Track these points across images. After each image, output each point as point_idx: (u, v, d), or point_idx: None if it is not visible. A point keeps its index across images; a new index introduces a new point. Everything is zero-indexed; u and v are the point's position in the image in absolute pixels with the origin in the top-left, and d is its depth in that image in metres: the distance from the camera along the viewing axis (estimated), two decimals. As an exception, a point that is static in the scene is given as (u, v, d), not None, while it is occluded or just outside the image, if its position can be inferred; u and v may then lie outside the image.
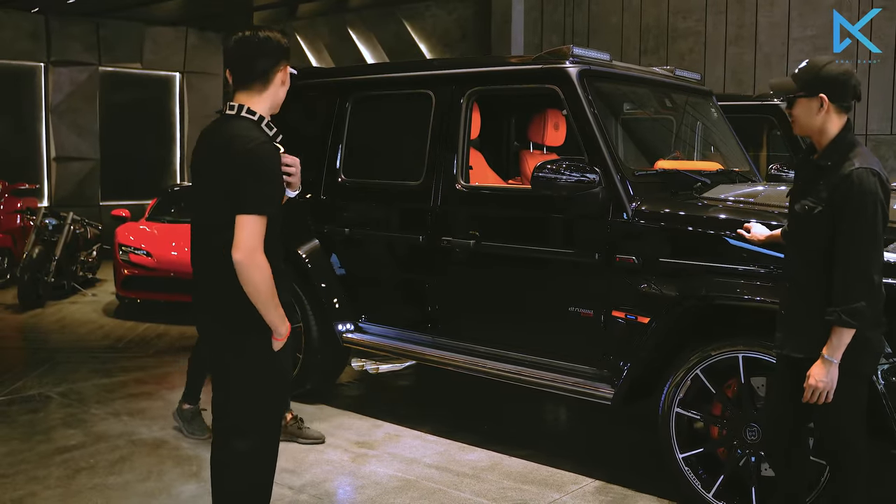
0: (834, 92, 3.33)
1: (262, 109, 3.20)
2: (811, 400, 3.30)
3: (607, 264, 4.62)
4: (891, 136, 10.08)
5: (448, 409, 6.29)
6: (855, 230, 3.19)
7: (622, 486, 4.69)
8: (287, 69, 3.25)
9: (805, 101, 3.38)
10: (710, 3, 11.27)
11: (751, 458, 4.11)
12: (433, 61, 8.52)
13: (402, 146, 5.79)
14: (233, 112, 3.17)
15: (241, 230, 3.02)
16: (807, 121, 3.40)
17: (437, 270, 5.45)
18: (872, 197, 3.18)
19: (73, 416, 5.80)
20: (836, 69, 3.35)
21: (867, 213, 3.18)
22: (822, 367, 3.25)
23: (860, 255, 3.19)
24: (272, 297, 3.11)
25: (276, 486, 4.57)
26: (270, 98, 3.23)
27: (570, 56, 4.93)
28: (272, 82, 3.21)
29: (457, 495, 4.56)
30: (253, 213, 3.02)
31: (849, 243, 3.20)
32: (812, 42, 10.47)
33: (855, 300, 3.17)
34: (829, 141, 3.36)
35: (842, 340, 3.21)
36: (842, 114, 3.38)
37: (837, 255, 3.22)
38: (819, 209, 3.28)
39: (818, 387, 3.25)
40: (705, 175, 5.11)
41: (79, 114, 15.41)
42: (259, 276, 3.04)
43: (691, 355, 4.25)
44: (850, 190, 3.19)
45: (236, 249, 3.01)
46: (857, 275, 3.19)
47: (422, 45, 14.17)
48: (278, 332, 3.18)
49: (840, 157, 3.29)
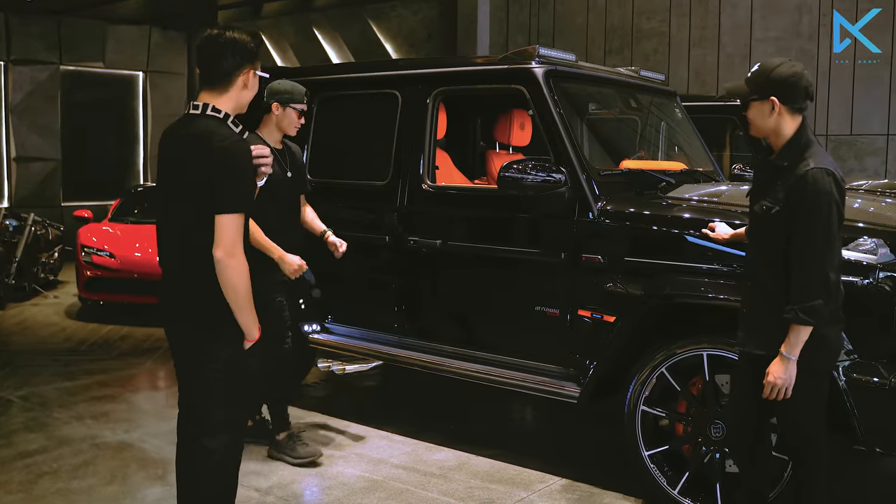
0: (785, 94, 3.37)
1: (227, 108, 3.17)
2: (770, 396, 3.34)
3: (573, 264, 4.64)
4: (850, 137, 10.23)
5: (415, 409, 6.29)
6: (810, 229, 3.23)
7: (589, 483, 4.72)
8: (251, 73, 3.20)
9: (758, 104, 3.42)
10: (674, 4, 11.37)
11: (715, 455, 4.15)
12: (399, 61, 8.53)
13: (369, 146, 5.78)
14: (197, 111, 3.15)
15: (221, 229, 3.02)
16: (761, 123, 3.45)
17: (403, 270, 5.44)
18: (827, 197, 3.23)
19: (35, 420, 5.73)
20: (787, 71, 3.38)
21: (822, 213, 3.22)
22: (781, 363, 3.30)
23: (815, 254, 3.23)
24: (248, 297, 3.11)
25: (243, 489, 4.55)
26: (234, 99, 3.20)
27: (536, 56, 4.95)
28: (234, 84, 3.18)
29: (424, 495, 4.56)
30: (232, 212, 3.03)
31: (804, 242, 3.24)
32: (775, 43, 10.60)
33: (811, 298, 3.22)
34: (785, 142, 3.40)
35: (799, 338, 3.26)
36: (795, 115, 3.42)
37: (794, 255, 3.27)
38: (776, 209, 3.33)
39: (776, 383, 3.30)
40: (670, 175, 5.16)
41: (39, 113, 15.20)
42: (238, 274, 3.05)
43: (656, 353, 4.28)
44: (804, 190, 3.24)
45: (217, 248, 3.01)
46: (812, 273, 3.23)
47: (387, 45, 14.16)
48: (250, 334, 3.18)
49: (796, 158, 3.33)
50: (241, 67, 3.18)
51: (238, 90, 3.19)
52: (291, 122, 5.00)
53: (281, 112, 4.96)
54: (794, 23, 10.50)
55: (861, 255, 3.85)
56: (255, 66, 3.23)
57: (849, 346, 3.82)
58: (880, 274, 3.79)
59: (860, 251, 3.86)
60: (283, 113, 4.96)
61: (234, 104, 3.21)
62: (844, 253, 3.82)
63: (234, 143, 3.06)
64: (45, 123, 15.25)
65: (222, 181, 3.02)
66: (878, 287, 3.79)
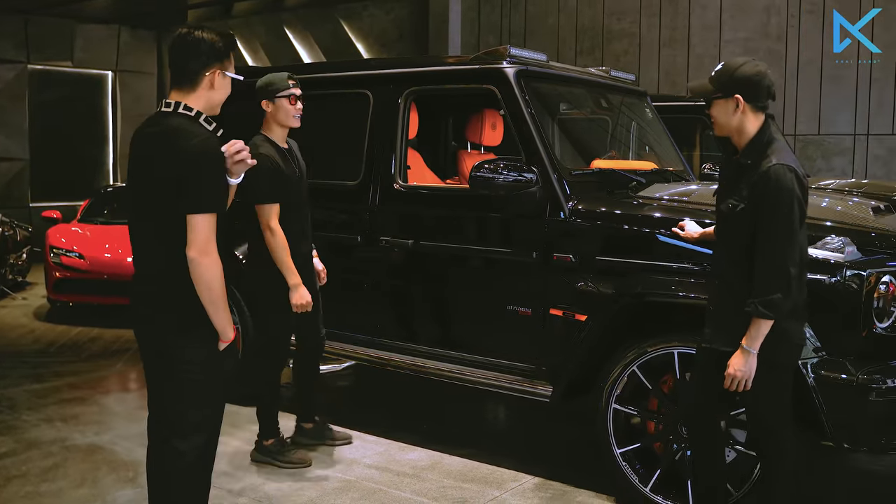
0: (748, 92, 3.44)
1: (198, 107, 3.14)
2: (731, 388, 3.42)
3: (545, 263, 4.66)
4: (817, 137, 10.34)
5: (388, 409, 6.29)
6: (772, 225, 3.29)
7: (561, 482, 4.74)
8: (218, 72, 3.15)
9: (722, 102, 3.48)
10: (644, 5, 11.43)
11: (687, 452, 4.18)
12: (371, 61, 8.51)
13: (340, 146, 5.77)
14: (169, 109, 3.12)
15: (193, 229, 3.00)
16: (724, 121, 3.50)
17: (375, 270, 5.44)
18: (788, 193, 3.29)
19: (3, 423, 5.66)
20: (750, 70, 3.45)
21: (783, 209, 3.29)
22: (741, 356, 3.37)
23: (776, 249, 3.29)
24: (223, 296, 3.09)
25: (215, 490, 4.52)
26: (203, 99, 3.15)
27: (507, 56, 4.96)
28: (200, 84, 3.14)
29: (397, 495, 4.56)
30: (205, 212, 3.00)
31: (766, 238, 3.30)
32: (744, 44, 10.69)
33: (771, 292, 3.28)
34: (749, 140, 3.46)
35: (759, 331, 3.33)
36: (758, 113, 3.48)
37: (756, 250, 3.33)
38: (741, 206, 3.38)
39: (737, 375, 3.38)
40: (640, 174, 5.19)
41: (7, 113, 15.01)
42: (212, 273, 3.03)
43: (628, 352, 4.31)
44: (767, 186, 3.30)
45: (191, 248, 2.99)
46: (773, 268, 3.30)
47: (359, 45, 14.13)
48: (225, 334, 3.16)
49: (759, 156, 3.39)
50: (207, 67, 3.13)
51: (205, 90, 3.15)
52: (288, 113, 4.88)
53: (273, 107, 4.87)
54: (763, 24, 10.60)
55: (828, 253, 3.90)
56: (224, 65, 3.18)
57: (817, 344, 3.88)
58: (847, 272, 3.84)
59: (827, 249, 3.91)
60: (276, 106, 4.87)
61: (205, 104, 3.16)
62: (812, 251, 3.88)
63: (205, 141, 3.03)
64: (13, 123, 15.06)
65: (193, 180, 2.99)
66: (846, 285, 3.84)
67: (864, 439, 3.85)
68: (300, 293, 4.78)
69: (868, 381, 3.76)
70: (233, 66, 3.24)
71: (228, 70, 3.20)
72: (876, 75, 9.95)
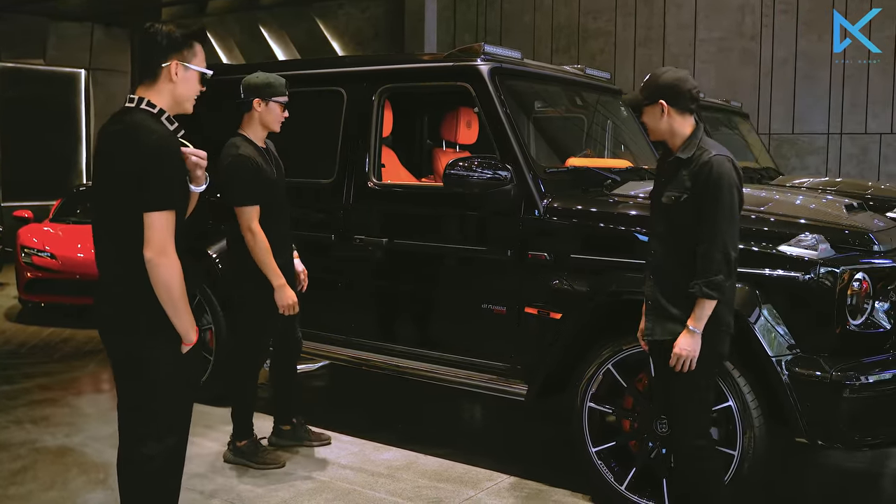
0: (671, 97, 3.58)
1: (162, 104, 3.08)
2: (677, 368, 3.49)
3: (519, 261, 4.65)
4: (791, 136, 10.40)
5: (363, 408, 6.25)
6: (715, 210, 3.42)
7: (537, 481, 4.72)
8: (176, 63, 3.08)
9: (650, 109, 3.65)
10: (619, 4, 11.47)
11: (662, 451, 4.18)
12: (345, 58, 8.48)
13: (314, 144, 5.73)
14: (132, 105, 3.07)
15: (150, 228, 2.94)
16: (655, 126, 3.66)
17: (350, 269, 5.41)
18: (728, 180, 3.44)
19: (-27, 425, 5.59)
20: (672, 76, 3.61)
21: (724, 195, 3.43)
22: (687, 336, 3.47)
23: (718, 232, 3.41)
24: (183, 297, 3.03)
25: (186, 491, 4.47)
26: (167, 93, 3.10)
27: (482, 54, 4.94)
28: (159, 77, 3.08)
29: (372, 495, 4.53)
30: (161, 210, 2.95)
31: (709, 223, 3.42)
32: (718, 43, 10.75)
33: (714, 273, 3.40)
34: (684, 140, 3.60)
35: (704, 311, 3.44)
36: (685, 115, 3.61)
37: (700, 234, 3.44)
38: (685, 196, 3.50)
39: (682, 354, 3.46)
40: (615, 172, 5.18)
41: (-23, 110, 14.89)
42: (170, 274, 2.97)
43: (603, 350, 4.29)
44: (709, 175, 3.44)
45: (147, 248, 2.93)
46: (715, 250, 3.41)
47: (334, 43, 14.08)
48: (187, 337, 3.09)
49: (697, 149, 3.54)
50: (164, 59, 3.07)
51: (166, 83, 3.09)
52: (276, 118, 4.83)
53: (264, 108, 4.79)
54: (737, 23, 10.66)
55: (802, 250, 3.91)
56: (184, 56, 3.10)
57: (791, 341, 3.89)
58: (821, 269, 3.86)
59: (801, 247, 3.93)
60: (267, 108, 4.80)
61: (169, 99, 3.10)
62: (786, 249, 3.96)
63: (164, 138, 2.98)
64: (-17, 121, 14.92)
65: (151, 177, 2.93)
66: (819, 282, 3.85)
67: (838, 436, 3.86)
68: (286, 294, 4.74)
69: (842, 377, 3.78)
70: (197, 59, 3.15)
71: (190, 62, 3.12)
72: (849, 74, 10.03)
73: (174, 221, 2.99)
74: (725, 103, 8.60)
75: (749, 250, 3.98)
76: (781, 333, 3.91)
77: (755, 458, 3.93)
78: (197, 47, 3.14)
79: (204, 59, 3.19)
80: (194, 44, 3.13)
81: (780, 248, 3.98)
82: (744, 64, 10.68)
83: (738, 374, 3.93)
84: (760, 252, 4.01)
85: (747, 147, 8.46)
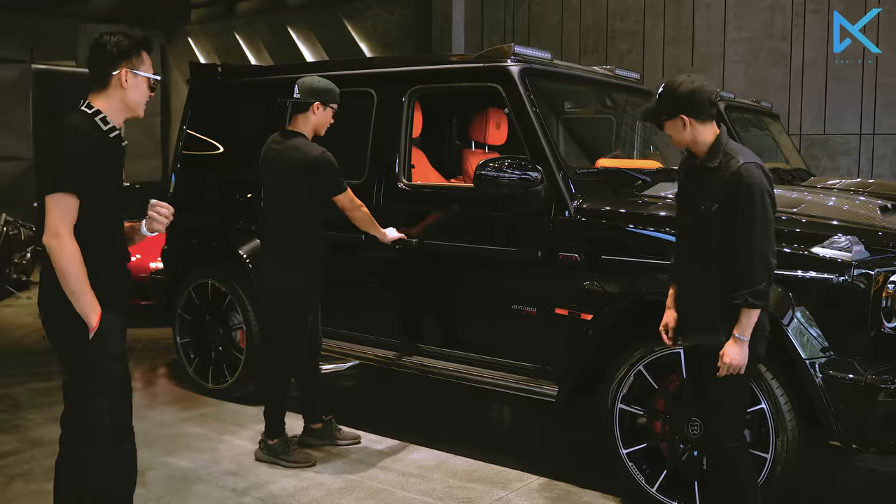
0: (691, 109, 3.52)
1: (105, 109, 3.20)
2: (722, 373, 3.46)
3: (550, 262, 4.64)
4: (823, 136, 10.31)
5: (392, 408, 6.27)
6: (751, 220, 3.38)
7: (567, 482, 4.72)
8: (126, 71, 3.21)
9: (671, 122, 3.59)
10: (647, 4, 11.42)
11: (693, 453, 4.16)
12: (375, 59, 8.51)
13: (344, 145, 5.74)
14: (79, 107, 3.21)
15: (47, 212, 3.02)
16: (678, 138, 3.60)
17: (379, 270, 5.42)
18: (760, 188, 3.40)
19: (7, 422, 5.66)
20: (689, 87, 3.53)
21: (757, 203, 3.39)
22: (736, 345, 3.43)
23: (756, 241, 3.38)
24: (80, 282, 3.06)
25: (219, 489, 4.54)
26: (116, 99, 3.23)
27: (512, 54, 4.94)
28: (110, 84, 3.22)
29: (402, 495, 4.54)
30: (55, 192, 3.02)
31: (747, 232, 3.39)
32: (747, 44, 10.68)
33: (758, 282, 3.37)
34: (709, 147, 3.55)
35: (750, 320, 3.42)
36: (707, 123, 3.56)
37: (738, 245, 3.41)
38: (717, 206, 3.46)
39: (733, 363, 3.43)
40: (645, 173, 5.16)
41: (10, 113, 15.04)
42: (64, 260, 3.02)
43: (634, 351, 4.28)
44: (740, 184, 3.40)
45: (45, 233, 3.01)
46: (756, 260, 3.38)
47: (362, 45, 14.12)
48: (88, 320, 3.11)
49: (725, 157, 3.50)
50: (114, 67, 3.21)
51: (116, 89, 3.22)
52: (328, 123, 4.95)
53: (321, 112, 4.88)
54: (767, 23, 10.58)
55: (836, 252, 3.88)
56: (132, 64, 3.24)
57: (825, 343, 3.86)
58: (855, 271, 3.83)
59: (835, 249, 3.90)
60: (323, 113, 4.89)
61: (119, 104, 3.24)
62: (819, 250, 3.93)
63: (76, 128, 3.09)
64: (17, 123, 15.09)
65: (51, 161, 3.06)
66: (853, 284, 3.83)
67: (872, 440, 3.82)
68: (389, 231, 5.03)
69: (877, 381, 3.74)
70: (145, 66, 3.28)
71: (138, 69, 3.26)
72: (882, 74, 9.93)
73: (73, 207, 3.04)
74: (755, 104, 8.54)
75: (782, 252, 3.95)
76: (815, 336, 3.88)
77: (787, 461, 3.91)
78: (144, 55, 3.29)
79: (151, 66, 3.33)
80: (142, 52, 3.28)
81: (814, 249, 3.95)
82: (774, 64, 10.60)
83: (771, 377, 3.91)
84: (793, 254, 3.98)
85: (778, 148, 8.39)
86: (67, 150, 3.06)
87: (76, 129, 3.10)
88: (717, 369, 3.45)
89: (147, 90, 3.30)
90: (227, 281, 5.97)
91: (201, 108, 6.66)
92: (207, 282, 6.12)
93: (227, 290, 5.97)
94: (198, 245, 6.39)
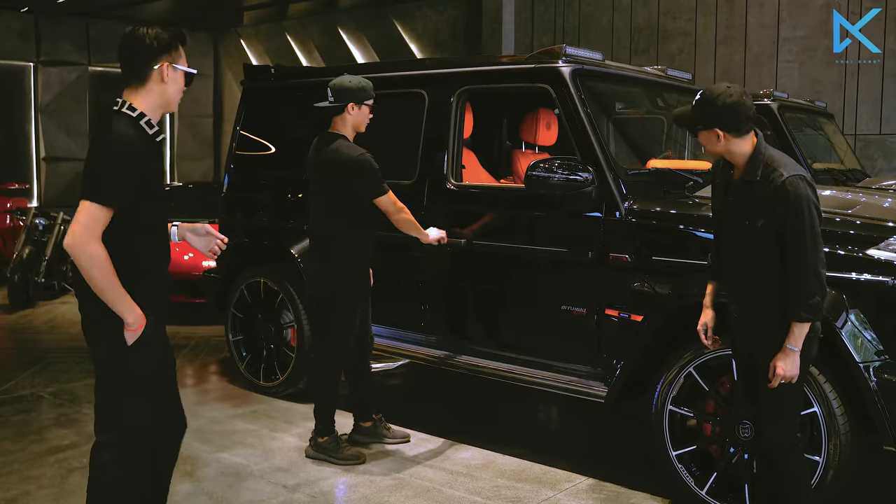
0: (727, 123, 3.47)
1: (145, 107, 3.12)
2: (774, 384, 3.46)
3: (600, 263, 4.64)
4: (879, 136, 10.14)
5: (440, 407, 6.30)
6: (801, 235, 3.36)
7: (615, 483, 4.71)
8: (166, 65, 3.14)
9: (705, 133, 3.55)
10: (699, 3, 11.31)
11: (744, 456, 4.13)
12: (425, 61, 8.53)
13: (395, 145, 5.80)
14: (116, 108, 3.13)
15: (77, 214, 2.96)
16: (712, 149, 3.58)
17: (429, 269, 5.46)
18: (807, 201, 3.37)
19: (66, 416, 5.79)
20: (725, 102, 3.45)
21: (805, 218, 3.36)
22: (788, 356, 3.42)
23: (806, 255, 3.36)
24: (110, 286, 2.99)
25: (270, 485, 4.60)
26: (155, 96, 3.14)
27: (563, 55, 4.95)
28: (150, 79, 3.13)
29: (451, 493, 4.57)
30: (87, 199, 2.96)
31: (798, 247, 3.37)
32: (801, 42, 10.52)
33: (811, 297, 3.36)
34: (747, 160, 3.51)
35: (803, 331, 3.42)
36: (744, 136, 3.50)
37: (788, 259, 3.39)
38: (761, 223, 3.44)
39: (786, 374, 3.43)
40: (697, 174, 5.12)
41: (68, 114, 15.36)
42: (87, 265, 2.95)
43: (684, 353, 4.26)
44: (787, 199, 3.37)
45: (68, 235, 2.96)
46: (808, 274, 3.36)
47: (412, 45, 14.18)
48: (126, 320, 3.06)
49: (766, 170, 3.45)
50: (153, 62, 3.12)
51: (156, 85, 3.13)
52: (366, 120, 4.98)
53: (357, 111, 4.93)
54: (822, 21, 10.42)
55: (892, 254, 3.83)
56: (172, 58, 3.16)
57: (879, 347, 3.81)
58: (911, 273, 3.77)
59: (890, 251, 3.85)
60: (360, 111, 4.94)
61: (157, 100, 3.15)
62: (875, 252, 3.88)
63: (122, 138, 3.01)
64: (74, 124, 15.40)
65: (90, 168, 3.00)
66: (909, 287, 3.77)
67: (928, 445, 3.77)
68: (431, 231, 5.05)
69: (933, 385, 3.68)
70: (183, 60, 3.21)
71: (178, 63, 3.18)
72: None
73: (104, 219, 2.97)
74: (810, 103, 8.42)
75: (836, 254, 3.91)
76: (869, 339, 3.83)
77: (840, 466, 3.87)
78: (181, 49, 3.23)
79: (185, 60, 3.25)
80: (179, 45, 3.21)
81: (869, 251, 3.90)
82: (828, 63, 10.45)
83: (824, 381, 3.87)
84: (848, 256, 3.93)
85: (832, 148, 8.27)
86: (114, 163, 2.98)
87: (125, 140, 3.02)
88: (769, 379, 3.44)
89: (183, 84, 3.23)
90: (279, 280, 6.05)
91: (254, 109, 6.76)
92: (259, 280, 6.20)
93: (279, 289, 6.05)
94: (250, 244, 6.48)
